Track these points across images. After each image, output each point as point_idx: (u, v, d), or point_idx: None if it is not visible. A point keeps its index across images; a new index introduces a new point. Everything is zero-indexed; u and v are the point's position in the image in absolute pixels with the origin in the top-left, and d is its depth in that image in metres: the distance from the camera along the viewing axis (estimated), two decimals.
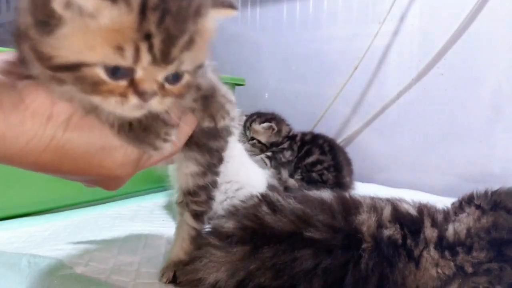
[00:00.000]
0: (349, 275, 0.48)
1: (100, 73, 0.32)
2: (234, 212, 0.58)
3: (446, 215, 0.56)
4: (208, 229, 0.59)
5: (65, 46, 0.31)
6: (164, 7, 0.31)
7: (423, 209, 0.56)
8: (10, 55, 0.39)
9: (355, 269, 0.48)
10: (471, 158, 1.18)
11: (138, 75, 0.32)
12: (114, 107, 0.34)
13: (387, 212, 0.54)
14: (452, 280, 0.48)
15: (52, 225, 0.81)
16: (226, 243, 0.53)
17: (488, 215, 0.53)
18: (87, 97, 0.34)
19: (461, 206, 0.58)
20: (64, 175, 0.42)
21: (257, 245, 0.51)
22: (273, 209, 0.55)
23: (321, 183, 1.17)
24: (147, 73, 0.33)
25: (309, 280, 0.48)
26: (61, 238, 0.73)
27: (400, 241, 0.51)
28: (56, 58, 0.32)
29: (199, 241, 0.57)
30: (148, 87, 0.33)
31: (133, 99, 0.33)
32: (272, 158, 1.26)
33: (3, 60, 0.38)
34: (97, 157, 0.40)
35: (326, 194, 0.59)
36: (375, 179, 1.33)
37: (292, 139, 1.30)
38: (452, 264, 0.49)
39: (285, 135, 1.32)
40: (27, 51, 0.34)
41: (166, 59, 0.32)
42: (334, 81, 1.39)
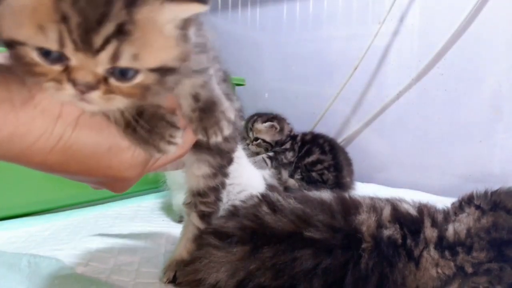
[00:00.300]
0: (349, 275, 0.48)
1: (32, 53, 0.30)
2: (234, 212, 0.58)
3: (446, 215, 0.56)
4: (208, 229, 0.59)
5: (1, 22, 0.31)
6: None
7: (423, 209, 0.56)
8: None
9: (355, 269, 0.48)
10: (471, 158, 1.18)
11: (72, 62, 0.31)
12: (52, 93, 0.32)
13: (386, 212, 0.54)
14: (452, 280, 0.48)
15: (52, 225, 0.81)
16: (226, 243, 0.53)
17: (488, 216, 0.53)
18: (27, 79, 0.33)
19: (461, 206, 0.58)
20: (71, 175, 0.42)
21: (257, 245, 0.51)
22: (273, 209, 0.55)
23: (321, 183, 1.17)
24: (82, 62, 0.31)
25: (309, 280, 0.48)
26: (61, 238, 0.73)
27: (400, 241, 0.51)
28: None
29: (199, 241, 0.57)
30: (80, 76, 0.31)
31: (68, 87, 0.31)
32: (273, 158, 1.26)
33: (1, 56, 0.37)
34: (104, 158, 0.39)
35: (325, 194, 0.59)
36: (375, 179, 1.33)
37: (293, 139, 1.30)
38: (452, 264, 0.49)
39: (287, 134, 1.32)
40: None
41: (88, 47, 0.30)
42: (334, 81, 1.39)
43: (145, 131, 0.39)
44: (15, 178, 0.85)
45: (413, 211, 0.56)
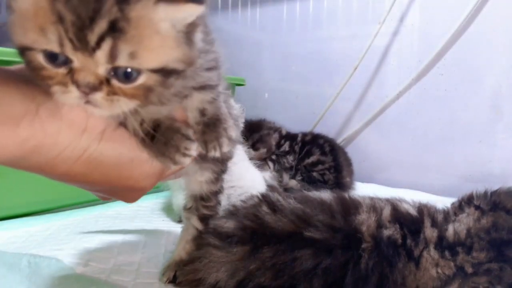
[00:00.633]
0: (349, 275, 0.48)
1: (39, 57, 0.31)
2: (234, 212, 0.58)
3: (446, 215, 0.56)
4: (208, 229, 0.59)
5: (13, 30, 0.32)
6: None
7: (423, 209, 0.56)
8: None
9: (355, 269, 0.48)
10: (471, 158, 1.18)
11: (75, 64, 0.31)
12: (59, 96, 0.33)
13: (386, 212, 0.54)
14: (452, 280, 0.48)
15: (52, 225, 0.81)
16: (226, 243, 0.53)
17: (487, 216, 0.53)
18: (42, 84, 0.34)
19: (460, 206, 0.58)
20: (91, 186, 0.43)
21: (257, 245, 0.51)
22: (273, 209, 0.55)
23: (322, 183, 1.17)
24: (83, 63, 0.31)
25: (309, 280, 0.48)
26: (61, 238, 0.73)
27: (400, 241, 0.51)
28: (13, 42, 0.32)
29: (199, 241, 0.57)
30: (82, 77, 0.32)
31: (73, 89, 0.32)
32: (275, 161, 1.26)
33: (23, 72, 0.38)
34: (126, 169, 0.41)
35: (325, 194, 0.59)
36: (375, 179, 1.33)
37: (292, 140, 1.30)
38: (452, 264, 0.49)
39: (277, 141, 1.30)
40: None
41: (85, 46, 0.30)
42: (334, 81, 1.39)
43: (162, 143, 0.40)
44: (15, 178, 0.85)
45: (413, 211, 0.56)
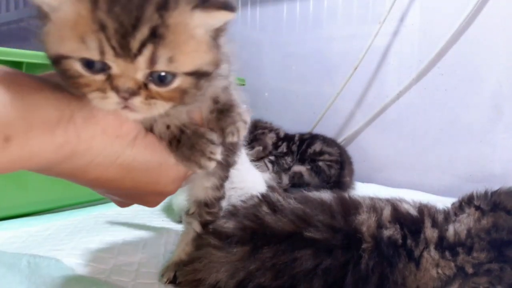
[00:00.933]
0: (349, 275, 0.48)
1: (77, 65, 0.32)
2: (234, 212, 0.58)
3: (446, 215, 0.56)
4: (208, 229, 0.58)
5: (48, 40, 0.32)
6: None
7: (423, 209, 0.56)
8: None
9: (355, 269, 0.48)
10: (471, 158, 1.18)
11: (113, 70, 0.32)
12: (97, 103, 0.34)
13: (387, 212, 0.54)
14: (452, 280, 0.48)
15: (52, 225, 0.81)
16: (226, 243, 0.52)
17: (488, 216, 0.53)
18: (74, 92, 0.34)
19: (461, 206, 0.58)
20: (120, 191, 0.43)
21: (257, 245, 0.51)
22: (273, 209, 0.55)
23: (326, 177, 1.17)
24: (122, 69, 0.32)
25: (309, 280, 0.48)
26: (61, 238, 0.73)
27: (400, 241, 0.51)
28: (47, 50, 0.33)
29: (199, 241, 0.57)
30: (121, 83, 0.32)
31: (112, 95, 0.33)
32: (275, 162, 1.26)
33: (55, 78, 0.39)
34: (155, 174, 0.42)
35: (325, 194, 0.59)
36: (375, 179, 1.33)
37: (289, 141, 1.30)
38: (452, 264, 0.49)
39: (274, 140, 1.31)
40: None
41: (127, 52, 0.31)
42: (334, 81, 1.39)
43: (187, 148, 0.42)
44: (15, 178, 0.85)
45: (414, 211, 0.56)
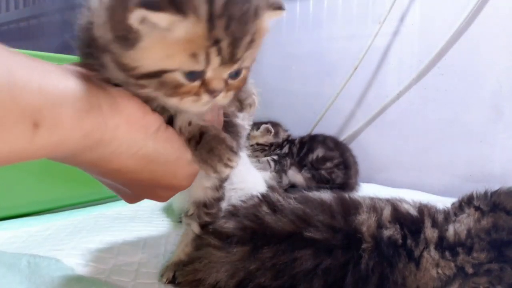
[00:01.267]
0: (349, 275, 0.48)
1: (179, 77, 0.35)
2: (234, 212, 0.58)
3: (446, 215, 0.56)
4: (208, 229, 0.58)
5: (146, 57, 0.34)
6: (228, 14, 0.34)
7: (423, 209, 0.56)
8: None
9: (355, 269, 0.48)
10: (471, 158, 1.18)
11: (208, 75, 0.36)
12: (189, 105, 0.38)
13: (387, 212, 0.54)
14: (452, 280, 0.48)
15: (52, 225, 0.81)
16: (226, 243, 0.52)
17: (487, 217, 0.53)
18: (166, 99, 0.37)
19: (460, 206, 0.58)
20: (137, 182, 0.44)
21: (257, 245, 0.51)
22: (273, 209, 0.55)
23: (329, 183, 1.16)
24: (215, 73, 0.36)
25: (309, 280, 0.48)
26: (61, 238, 0.73)
27: (400, 241, 0.51)
28: (138, 68, 0.35)
29: (199, 241, 0.57)
30: (217, 85, 0.37)
31: (205, 96, 0.37)
32: (277, 162, 1.26)
33: (81, 66, 0.40)
34: (172, 167, 0.43)
35: (325, 194, 0.59)
36: (375, 179, 1.33)
37: (291, 143, 1.31)
38: (452, 264, 0.49)
39: (284, 138, 1.32)
40: (109, 62, 0.37)
41: (232, 60, 0.36)
42: (334, 81, 1.39)
43: (206, 151, 0.43)
44: (15, 178, 0.85)
45: (414, 211, 0.56)
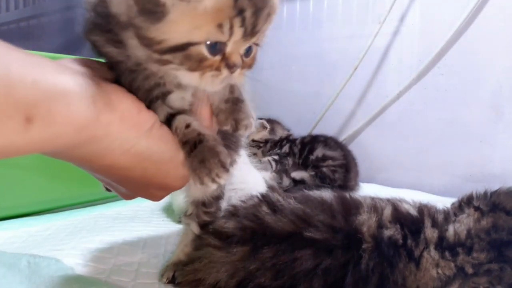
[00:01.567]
0: (349, 275, 0.48)
1: (203, 50, 0.36)
2: (234, 212, 0.58)
3: (446, 215, 0.56)
4: (208, 229, 0.58)
5: (174, 30, 0.35)
6: None
7: (423, 209, 0.56)
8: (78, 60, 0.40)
9: (355, 269, 0.48)
10: (471, 158, 1.18)
11: (228, 49, 0.37)
12: (208, 81, 0.38)
13: (387, 212, 0.54)
14: (452, 280, 0.48)
15: (52, 225, 0.81)
16: (226, 243, 0.52)
17: (487, 217, 0.53)
18: (188, 74, 0.38)
19: (460, 207, 0.58)
20: (129, 179, 0.43)
21: (257, 245, 0.51)
22: (273, 209, 0.55)
23: (331, 182, 1.16)
24: (234, 47, 0.37)
25: (309, 280, 0.48)
26: (61, 238, 0.73)
27: (400, 241, 0.51)
28: (165, 41, 0.35)
29: (199, 241, 0.57)
30: (236, 59, 0.38)
31: (225, 71, 0.38)
32: (278, 161, 1.26)
33: (77, 62, 0.39)
34: (165, 167, 0.42)
35: (326, 194, 0.59)
36: (375, 179, 1.33)
37: (292, 143, 1.31)
38: (452, 264, 0.49)
39: (284, 136, 1.32)
40: (130, 39, 0.37)
41: (253, 32, 0.37)
42: (334, 81, 1.39)
43: (198, 160, 0.41)
44: (15, 178, 0.85)
45: (414, 211, 0.56)
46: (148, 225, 0.84)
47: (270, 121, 1.34)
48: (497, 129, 1.14)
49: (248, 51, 0.40)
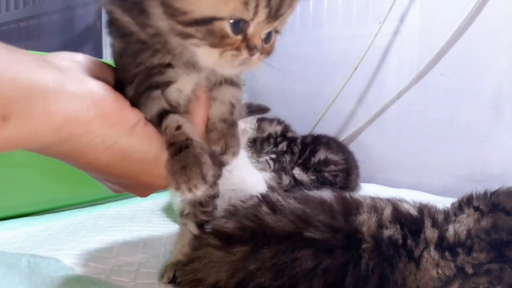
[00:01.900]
0: (349, 275, 0.48)
1: (226, 27, 0.36)
2: (234, 212, 0.58)
3: (446, 215, 0.56)
4: (208, 229, 0.59)
5: (200, 2, 0.34)
6: None
7: (423, 209, 0.56)
8: (79, 56, 0.40)
9: (355, 269, 0.48)
10: (471, 158, 1.18)
11: (250, 30, 0.37)
12: (227, 61, 0.37)
13: (387, 212, 0.54)
14: (452, 280, 0.48)
15: (52, 225, 0.81)
16: (226, 243, 0.52)
17: (487, 217, 0.53)
18: (208, 51, 0.37)
19: (460, 207, 0.58)
20: (112, 177, 0.43)
21: (257, 245, 0.51)
22: (273, 209, 0.55)
23: (331, 185, 1.16)
24: (257, 29, 0.37)
25: (309, 280, 0.48)
26: (61, 238, 0.73)
27: (400, 241, 0.51)
28: (190, 13, 0.35)
29: (199, 241, 0.57)
30: (257, 41, 0.38)
31: (245, 52, 0.37)
32: (276, 160, 1.26)
33: (65, 57, 0.39)
34: (148, 166, 0.41)
35: (326, 194, 0.59)
36: (375, 179, 1.33)
37: (291, 141, 1.30)
38: (452, 264, 0.49)
39: (274, 131, 1.30)
40: (154, 8, 0.36)
41: (276, 15, 0.37)
42: (334, 81, 1.39)
43: (179, 164, 0.40)
44: (15, 178, 0.85)
45: (414, 211, 0.56)
46: (148, 225, 0.84)
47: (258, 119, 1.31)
48: (497, 129, 1.14)
49: (268, 37, 0.40)
